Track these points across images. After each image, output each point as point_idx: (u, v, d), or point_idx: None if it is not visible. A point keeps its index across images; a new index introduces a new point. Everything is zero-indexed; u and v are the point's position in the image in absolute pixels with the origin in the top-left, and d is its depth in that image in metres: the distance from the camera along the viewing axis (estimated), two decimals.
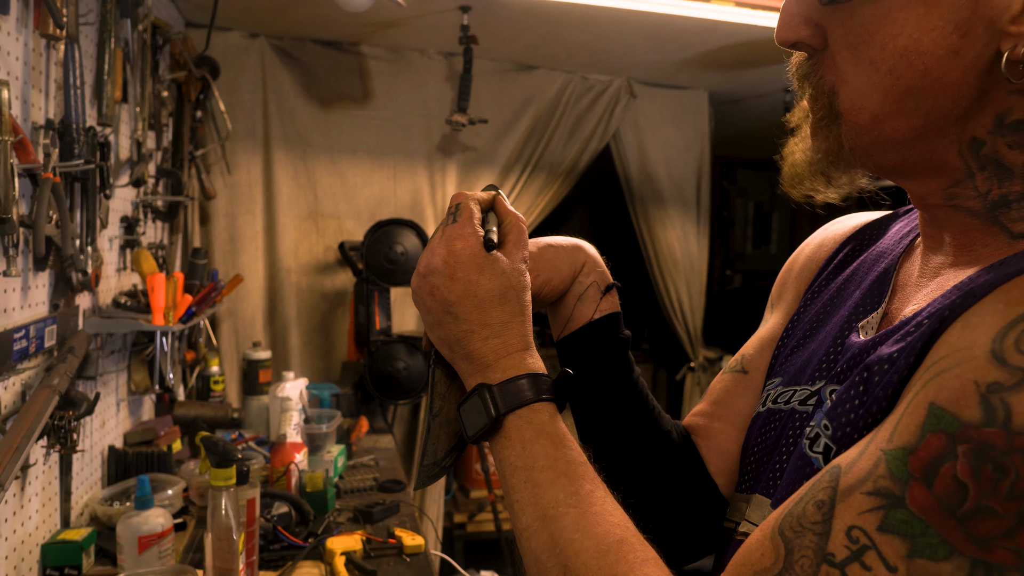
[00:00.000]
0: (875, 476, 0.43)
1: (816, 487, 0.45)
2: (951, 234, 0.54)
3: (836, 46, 0.52)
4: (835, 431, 0.51)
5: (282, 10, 2.36)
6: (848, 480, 0.44)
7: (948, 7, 0.46)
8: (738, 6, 2.18)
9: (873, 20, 0.48)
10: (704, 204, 3.36)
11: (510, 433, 0.56)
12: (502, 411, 0.57)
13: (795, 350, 0.66)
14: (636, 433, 0.72)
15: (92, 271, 1.50)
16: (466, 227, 0.60)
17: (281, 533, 1.51)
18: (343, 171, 2.75)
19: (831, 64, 0.53)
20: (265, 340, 2.65)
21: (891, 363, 0.49)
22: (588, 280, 0.71)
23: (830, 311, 0.65)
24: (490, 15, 2.35)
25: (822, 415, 0.54)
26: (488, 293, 0.59)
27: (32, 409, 1.16)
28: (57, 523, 1.45)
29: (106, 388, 1.74)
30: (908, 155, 0.52)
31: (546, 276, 0.69)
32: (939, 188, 0.53)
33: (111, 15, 1.53)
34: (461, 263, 0.59)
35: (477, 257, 0.60)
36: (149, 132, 1.95)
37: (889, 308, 0.59)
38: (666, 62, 2.84)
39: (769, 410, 0.64)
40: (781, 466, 0.59)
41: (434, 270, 0.60)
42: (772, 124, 2.89)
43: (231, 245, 2.62)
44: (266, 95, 2.62)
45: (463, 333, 0.59)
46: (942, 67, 0.47)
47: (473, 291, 0.59)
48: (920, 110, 0.49)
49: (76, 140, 1.35)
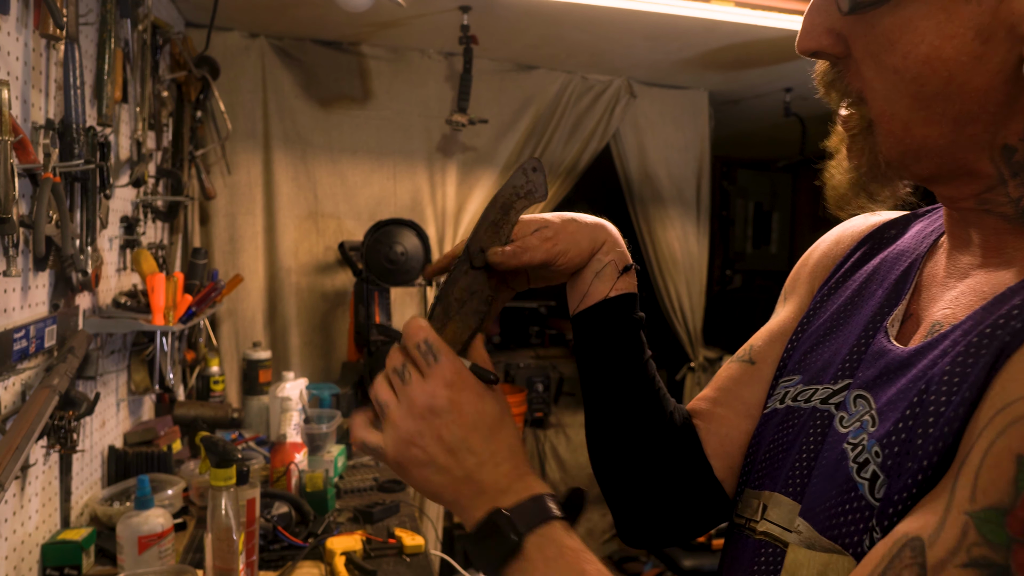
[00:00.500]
0: (967, 545, 0.39)
1: (896, 564, 0.42)
2: (981, 235, 0.54)
3: (859, 55, 0.51)
4: (886, 460, 0.49)
5: (282, 10, 2.36)
6: (937, 554, 0.41)
7: (968, 14, 0.46)
8: (738, 6, 2.17)
9: (894, 29, 0.48)
10: (704, 204, 3.36)
11: (531, 554, 0.54)
12: (523, 531, 0.54)
13: (814, 348, 0.66)
14: (637, 410, 0.73)
15: (92, 271, 1.50)
16: (452, 360, 0.59)
17: (281, 533, 1.51)
18: (343, 171, 2.75)
19: (856, 72, 0.52)
20: (265, 340, 2.65)
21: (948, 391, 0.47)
22: (607, 258, 0.71)
23: (851, 310, 0.65)
24: (490, 15, 2.35)
25: (870, 439, 0.51)
26: (494, 420, 0.59)
27: (32, 409, 1.16)
28: (57, 523, 1.45)
29: (106, 388, 1.74)
30: (943, 163, 0.51)
31: (563, 247, 0.69)
32: (971, 193, 0.53)
33: (111, 15, 1.53)
34: (466, 396, 0.58)
35: (476, 385, 0.59)
36: (149, 132, 1.95)
37: (914, 308, 0.59)
38: (666, 62, 2.84)
39: (788, 408, 0.64)
40: (802, 465, 0.59)
41: (439, 411, 0.58)
42: (772, 124, 2.92)
43: (231, 245, 2.62)
44: (266, 95, 2.62)
45: (475, 466, 0.58)
46: (966, 73, 0.47)
47: (483, 421, 0.58)
48: (947, 116, 0.49)
49: (76, 140, 1.35)
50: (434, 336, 0.60)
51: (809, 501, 0.55)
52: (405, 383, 0.59)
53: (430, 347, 0.59)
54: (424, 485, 0.59)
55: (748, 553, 0.61)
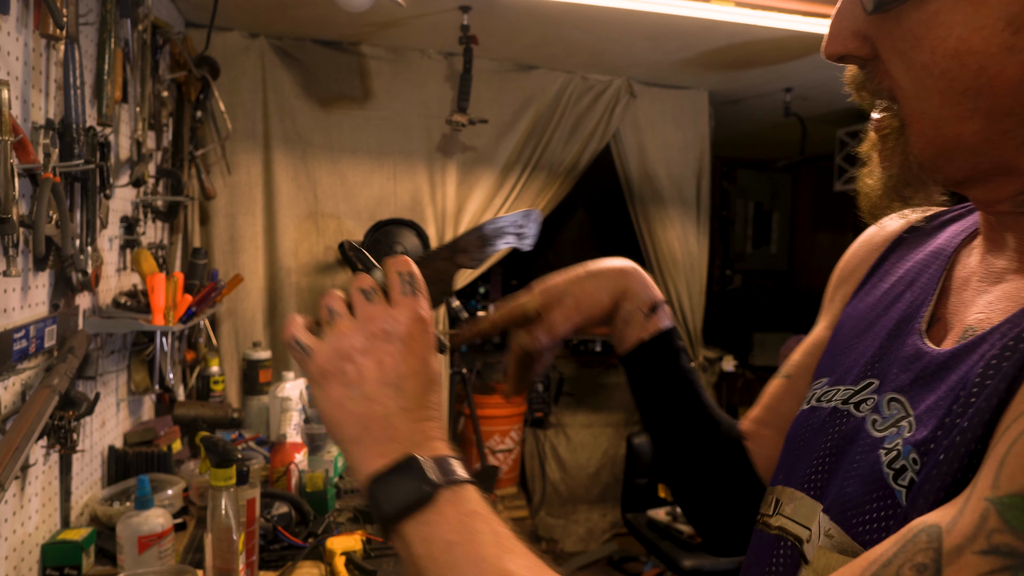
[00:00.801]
0: (987, 531, 0.37)
1: (909, 548, 0.41)
2: (1017, 239, 0.53)
3: (886, 54, 0.51)
4: (923, 466, 0.48)
5: (282, 10, 2.36)
6: (953, 540, 0.39)
7: (997, 3, 0.45)
8: (738, 6, 2.17)
9: (920, 25, 0.47)
10: (704, 204, 3.36)
11: (444, 507, 0.51)
12: (439, 482, 0.51)
13: (844, 351, 0.66)
14: (688, 437, 0.78)
15: (92, 271, 1.50)
16: (427, 302, 0.58)
17: (281, 533, 1.51)
18: (343, 171, 2.75)
19: (884, 72, 0.52)
20: (265, 340, 2.65)
21: (978, 397, 0.46)
22: (631, 306, 0.76)
23: (879, 312, 0.65)
24: (490, 15, 2.35)
25: (906, 445, 0.50)
26: (436, 376, 0.57)
27: (32, 409, 1.16)
28: (57, 523, 1.45)
29: (106, 388, 1.74)
30: (977, 163, 0.50)
31: (587, 311, 0.75)
32: (1008, 195, 0.51)
33: (111, 15, 1.53)
34: (422, 339, 0.56)
35: (432, 338, 0.58)
36: (149, 132, 1.95)
37: (942, 311, 0.58)
38: (666, 62, 2.84)
39: (811, 407, 0.64)
40: (821, 464, 0.59)
41: (393, 338, 0.55)
42: (772, 124, 2.92)
43: (231, 245, 2.62)
44: (266, 95, 2.63)
45: (398, 410, 0.55)
46: (997, 65, 0.45)
47: (425, 370, 0.56)
48: (980, 111, 0.47)
49: (76, 140, 1.35)
50: (419, 274, 0.59)
51: (841, 506, 0.54)
52: (369, 301, 0.57)
53: (413, 279, 0.58)
54: (335, 409, 0.56)
55: (765, 548, 0.62)
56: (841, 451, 0.57)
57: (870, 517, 0.50)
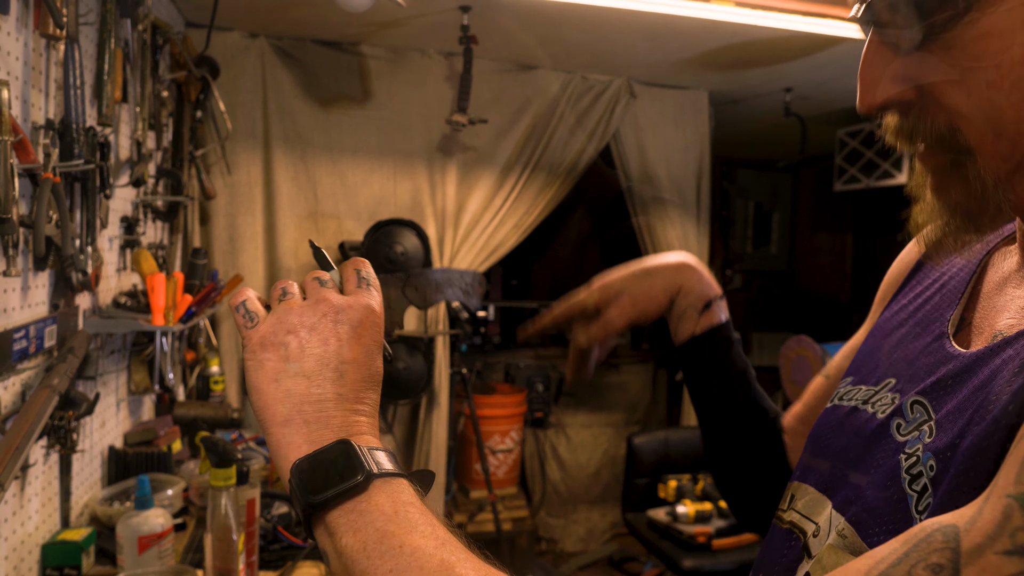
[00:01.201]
0: (1011, 530, 0.36)
1: (923, 548, 0.39)
2: None
3: (938, 89, 0.47)
4: (938, 472, 0.47)
5: (282, 10, 2.36)
6: (973, 539, 0.37)
7: None
8: (738, 6, 2.18)
9: (976, 42, 0.45)
10: (704, 204, 3.36)
11: (377, 497, 0.48)
12: (375, 471, 0.49)
13: (871, 352, 0.66)
14: (730, 428, 0.82)
15: (92, 271, 1.50)
16: (380, 299, 0.57)
17: (281, 533, 1.51)
18: (343, 171, 2.75)
19: (937, 107, 0.48)
20: None
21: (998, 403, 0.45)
22: (685, 302, 0.79)
23: (908, 314, 0.65)
24: (490, 15, 2.35)
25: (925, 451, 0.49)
26: (378, 373, 0.56)
27: (32, 409, 1.16)
28: (57, 523, 1.45)
29: (106, 388, 1.74)
30: None
31: (642, 307, 0.78)
32: None
33: (111, 15, 1.53)
34: (371, 331, 0.56)
35: (380, 335, 0.57)
36: (149, 132, 1.95)
37: (971, 315, 0.57)
38: (666, 62, 2.84)
39: (833, 406, 0.65)
40: (834, 460, 0.59)
41: (343, 320, 0.54)
42: (772, 124, 2.92)
43: (231, 245, 2.62)
44: (266, 95, 2.63)
45: (335, 397, 0.52)
46: None
47: (369, 362, 0.55)
48: None
49: (76, 140, 1.35)
50: (375, 274, 0.59)
51: (859, 509, 0.54)
52: (324, 287, 0.57)
53: (369, 277, 0.58)
54: (268, 384, 0.53)
55: (777, 541, 0.63)
56: (856, 449, 0.57)
57: (884, 519, 0.50)
